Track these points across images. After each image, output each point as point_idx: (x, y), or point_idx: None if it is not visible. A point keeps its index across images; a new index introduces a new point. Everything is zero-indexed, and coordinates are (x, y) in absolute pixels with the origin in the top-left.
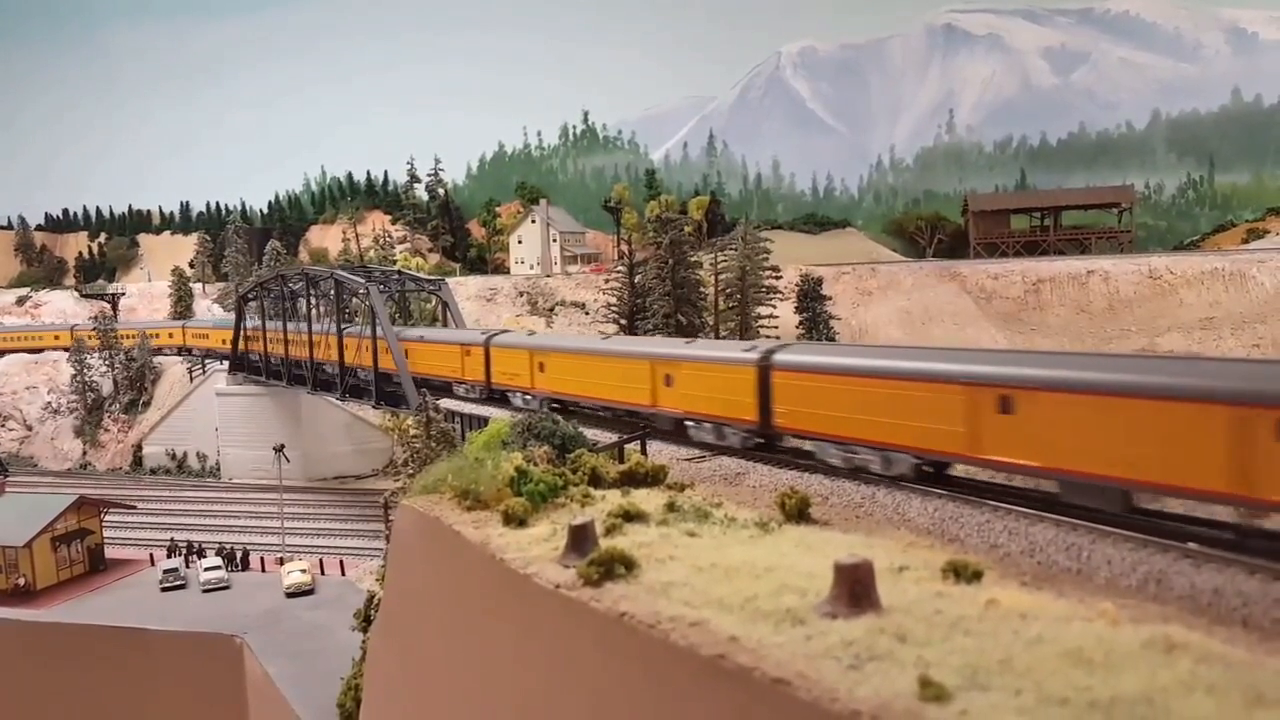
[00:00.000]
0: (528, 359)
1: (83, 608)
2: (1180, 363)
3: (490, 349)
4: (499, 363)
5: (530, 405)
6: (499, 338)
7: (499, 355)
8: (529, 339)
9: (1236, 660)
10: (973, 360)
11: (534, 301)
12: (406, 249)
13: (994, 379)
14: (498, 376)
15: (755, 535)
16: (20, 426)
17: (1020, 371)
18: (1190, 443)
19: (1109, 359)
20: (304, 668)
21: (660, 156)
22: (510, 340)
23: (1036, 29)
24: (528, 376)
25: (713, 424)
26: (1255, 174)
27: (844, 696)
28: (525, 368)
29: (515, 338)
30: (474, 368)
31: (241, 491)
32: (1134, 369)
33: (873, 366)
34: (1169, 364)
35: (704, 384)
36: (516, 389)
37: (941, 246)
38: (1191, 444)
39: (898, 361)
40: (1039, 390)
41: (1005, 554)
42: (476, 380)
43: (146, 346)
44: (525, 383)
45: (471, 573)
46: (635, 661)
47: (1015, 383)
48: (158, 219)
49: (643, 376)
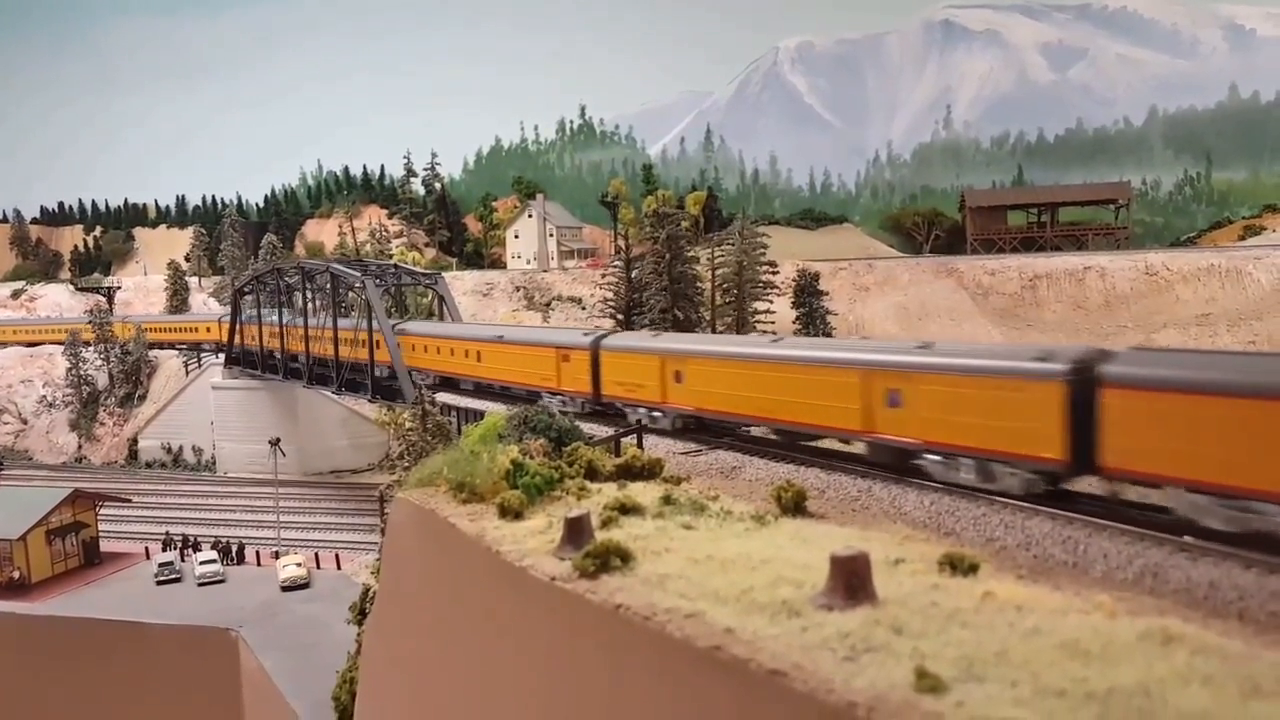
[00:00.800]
0: (658, 366)
1: (77, 601)
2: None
3: (600, 353)
4: (613, 370)
5: (660, 424)
6: (612, 339)
7: (613, 361)
8: (660, 341)
9: (1233, 652)
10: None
11: (530, 296)
12: (403, 243)
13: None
14: (610, 387)
15: (751, 528)
16: (15, 420)
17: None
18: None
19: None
20: (299, 661)
21: (657, 151)
22: (630, 343)
23: (1034, 24)
24: (657, 388)
25: (988, 460)
26: (1252, 170)
27: (840, 688)
28: (653, 376)
29: (638, 339)
30: (575, 376)
31: (237, 485)
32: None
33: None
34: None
35: (969, 406)
36: (639, 403)
37: (938, 242)
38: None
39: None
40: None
41: (1002, 547)
42: (579, 391)
43: (142, 340)
44: (653, 395)
45: (467, 565)
46: (631, 654)
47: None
48: (154, 213)
49: (847, 392)
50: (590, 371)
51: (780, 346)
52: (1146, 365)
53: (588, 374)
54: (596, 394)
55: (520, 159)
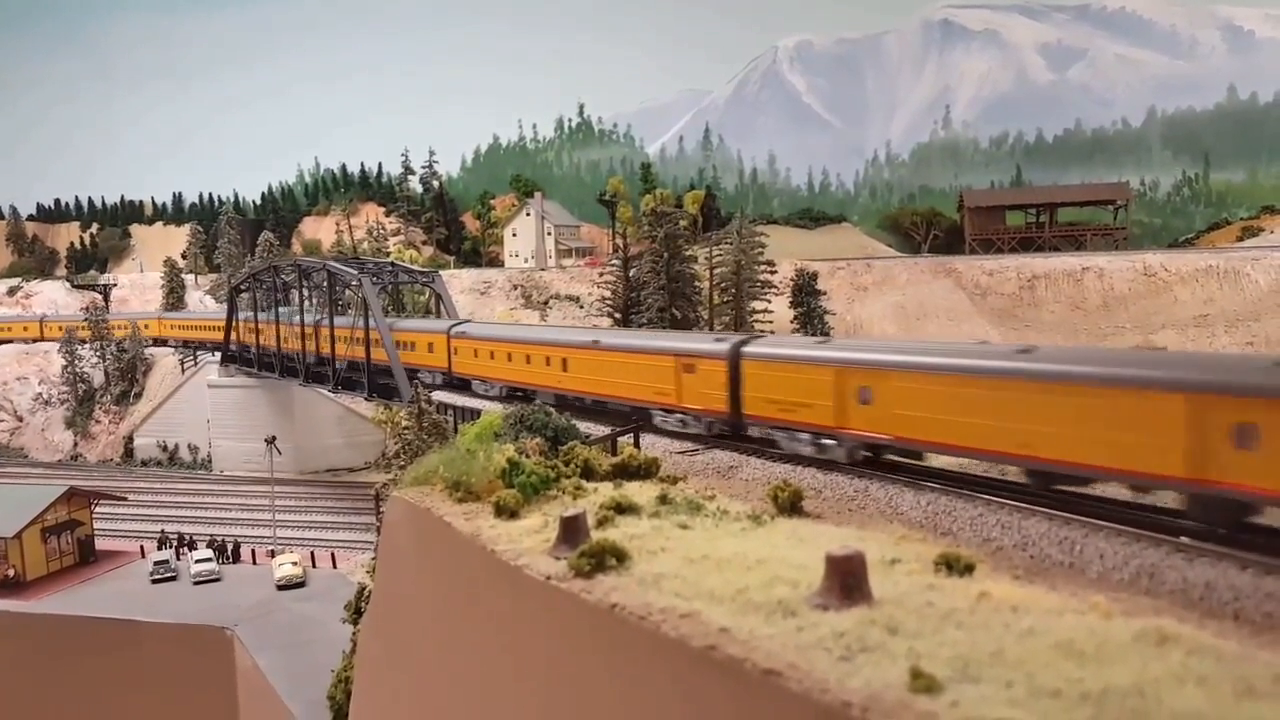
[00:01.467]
0: (832, 381)
1: (73, 599)
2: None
3: (743, 362)
4: (762, 384)
5: (833, 454)
6: (760, 346)
7: (762, 372)
8: (835, 349)
9: (1228, 653)
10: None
11: (528, 295)
12: (400, 241)
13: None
14: (757, 406)
15: (747, 528)
16: (11, 417)
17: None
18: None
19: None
20: (294, 660)
21: (656, 150)
22: (791, 351)
23: (1033, 25)
24: (830, 408)
25: None
26: (1250, 171)
27: (835, 687)
28: (824, 394)
29: (801, 346)
30: (704, 390)
31: (233, 484)
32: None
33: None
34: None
35: None
36: (800, 427)
37: (937, 242)
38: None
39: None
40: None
41: (998, 548)
42: (708, 410)
43: (138, 337)
44: (823, 418)
45: (462, 564)
46: (626, 653)
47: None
48: (150, 210)
49: (1164, 424)
50: (727, 385)
51: (1036, 359)
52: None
53: (723, 388)
54: (735, 413)
55: (518, 157)
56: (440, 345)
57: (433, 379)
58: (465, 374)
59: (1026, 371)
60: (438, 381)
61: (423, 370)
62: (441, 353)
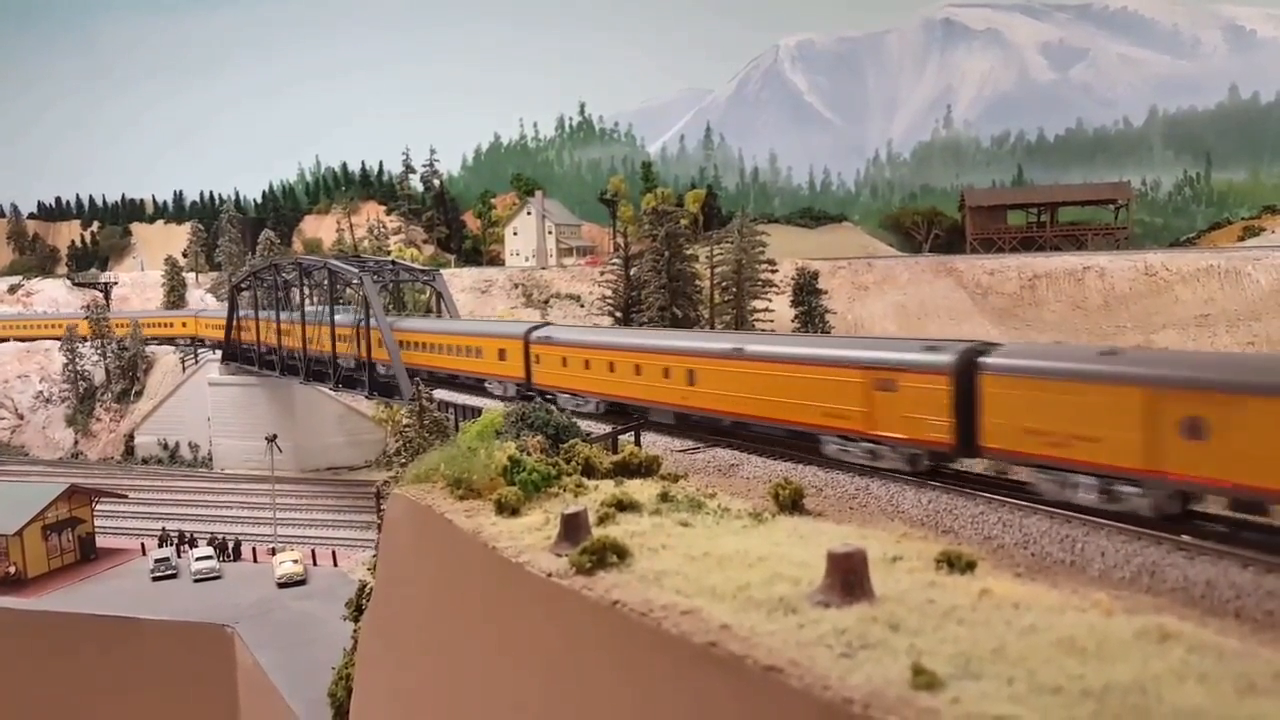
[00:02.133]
0: (1138, 406)
1: (73, 596)
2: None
3: (981, 378)
4: (1012, 407)
5: (1133, 504)
6: (1009, 357)
7: (1013, 392)
8: (1136, 364)
9: (1229, 650)
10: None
11: (529, 294)
12: (401, 240)
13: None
14: (1002, 437)
15: (749, 525)
16: (12, 415)
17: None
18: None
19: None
20: (295, 658)
21: (657, 149)
22: (1060, 365)
23: (1035, 24)
24: (1133, 444)
25: None
26: (1252, 171)
27: (836, 684)
28: (1121, 424)
29: (1073, 357)
30: (908, 412)
31: (233, 482)
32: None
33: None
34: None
35: None
36: (1078, 465)
37: (938, 241)
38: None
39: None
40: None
41: (999, 545)
42: (917, 439)
43: (138, 335)
44: (1121, 457)
45: (463, 561)
46: (627, 650)
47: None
48: (151, 208)
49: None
50: (951, 406)
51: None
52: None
53: (945, 410)
54: (966, 443)
55: (519, 156)
56: (515, 352)
57: (504, 390)
58: (549, 386)
59: None
60: (510, 393)
61: (490, 381)
62: (517, 361)
